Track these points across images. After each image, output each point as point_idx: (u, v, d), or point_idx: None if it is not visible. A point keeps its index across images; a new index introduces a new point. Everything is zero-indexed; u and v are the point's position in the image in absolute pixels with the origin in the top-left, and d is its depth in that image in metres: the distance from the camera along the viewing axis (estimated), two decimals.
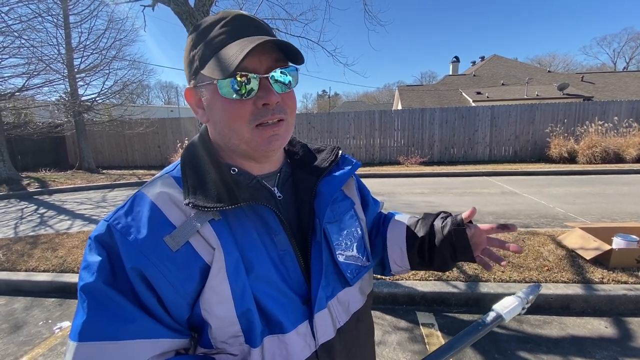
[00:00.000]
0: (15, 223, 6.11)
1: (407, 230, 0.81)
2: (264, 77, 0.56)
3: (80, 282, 0.52)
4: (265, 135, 0.58)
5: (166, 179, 0.60)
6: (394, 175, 10.40)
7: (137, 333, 0.50)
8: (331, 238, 0.66)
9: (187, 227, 0.54)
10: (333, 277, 0.65)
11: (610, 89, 20.57)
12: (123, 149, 14.94)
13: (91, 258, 0.53)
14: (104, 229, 0.54)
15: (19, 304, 3.19)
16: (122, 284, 0.51)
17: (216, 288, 0.53)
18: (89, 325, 0.49)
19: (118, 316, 0.49)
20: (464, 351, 2.28)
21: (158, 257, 0.51)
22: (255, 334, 0.55)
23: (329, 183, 0.68)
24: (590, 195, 6.68)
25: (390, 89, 66.40)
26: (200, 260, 0.53)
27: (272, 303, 0.56)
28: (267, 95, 0.56)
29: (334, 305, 0.65)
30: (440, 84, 24.56)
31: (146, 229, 0.53)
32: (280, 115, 0.58)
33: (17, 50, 9.45)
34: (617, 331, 2.43)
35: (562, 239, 3.69)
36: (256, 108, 0.57)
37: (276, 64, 0.58)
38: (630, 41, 46.28)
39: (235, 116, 0.57)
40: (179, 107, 36.97)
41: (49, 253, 4.02)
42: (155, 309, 0.52)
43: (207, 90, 0.58)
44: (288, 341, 0.57)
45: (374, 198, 0.90)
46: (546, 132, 11.99)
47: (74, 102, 11.80)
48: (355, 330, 0.69)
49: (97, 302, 0.50)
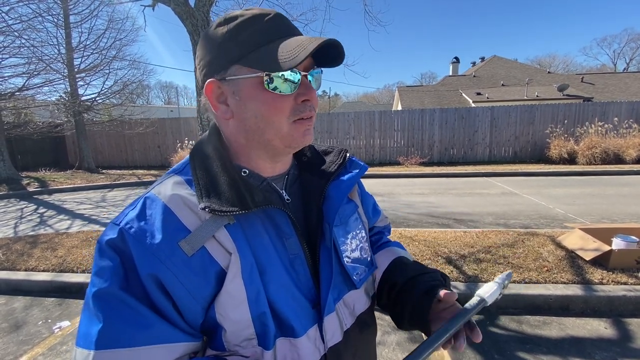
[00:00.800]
0: (15, 223, 6.11)
1: (392, 265, 0.77)
2: (304, 74, 0.58)
3: (93, 288, 0.51)
4: (301, 129, 0.59)
5: (177, 180, 0.59)
6: (394, 175, 10.40)
7: (153, 339, 0.49)
8: (338, 242, 0.66)
9: (202, 231, 0.53)
10: (340, 279, 0.65)
11: (610, 90, 20.58)
12: (123, 149, 14.94)
13: (103, 263, 0.51)
14: (115, 233, 0.52)
15: (19, 303, 3.19)
16: (136, 290, 0.50)
17: (232, 292, 0.53)
18: (105, 333, 0.48)
19: (134, 322, 0.49)
20: (464, 351, 2.28)
21: (174, 263, 0.51)
22: (269, 336, 0.55)
23: (338, 187, 0.68)
24: (590, 196, 6.68)
25: (390, 90, 66.47)
26: (216, 265, 0.53)
27: (285, 307, 0.56)
28: (308, 92, 0.58)
29: (341, 308, 0.65)
30: (440, 84, 24.56)
31: (161, 234, 0.51)
32: (313, 112, 0.61)
33: (17, 50, 9.47)
34: (616, 332, 2.43)
35: (561, 240, 3.69)
36: (296, 103, 0.58)
37: (311, 64, 0.60)
38: (631, 42, 46.36)
39: (277, 110, 0.57)
40: (179, 107, 36.99)
41: (48, 253, 4.02)
42: (170, 313, 0.51)
43: (244, 82, 0.56)
44: (299, 345, 0.57)
45: (375, 207, 0.89)
46: (546, 133, 12.00)
47: (74, 102, 11.80)
48: (360, 332, 0.69)
49: (112, 309, 0.49)
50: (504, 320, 2.62)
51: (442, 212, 5.77)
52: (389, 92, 65.00)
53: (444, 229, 4.63)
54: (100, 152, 14.93)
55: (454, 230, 4.36)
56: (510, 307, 2.75)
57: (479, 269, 3.14)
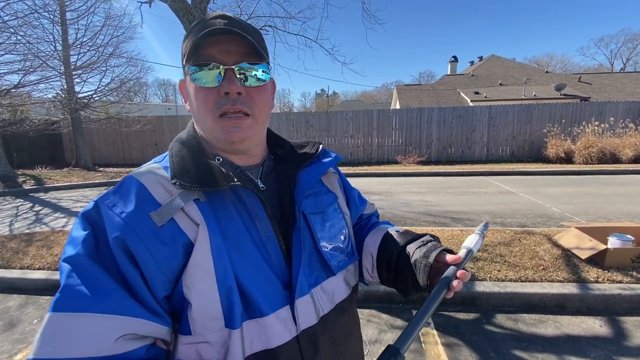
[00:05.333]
0: (11, 220, 6.07)
1: (384, 241, 0.78)
2: (229, 68, 0.60)
3: (63, 255, 0.53)
4: (225, 126, 0.61)
5: (155, 166, 0.63)
6: (392, 174, 10.41)
7: (110, 308, 0.49)
8: (315, 228, 0.68)
9: (172, 204, 0.56)
10: (317, 265, 0.67)
11: (607, 90, 20.67)
12: (120, 147, 14.87)
13: (76, 233, 0.54)
14: (91, 206, 0.56)
15: (14, 301, 3.17)
16: (104, 259, 0.52)
17: (199, 263, 0.54)
18: (63, 296, 0.49)
19: (94, 289, 0.49)
20: (460, 349, 2.28)
21: (143, 231, 0.53)
22: (235, 316, 0.55)
23: (308, 174, 0.72)
24: (587, 195, 6.72)
25: (389, 88, 66.51)
26: (184, 236, 0.55)
27: (252, 285, 0.57)
28: (229, 85, 0.59)
29: (318, 293, 0.66)
30: (439, 83, 24.59)
31: (133, 204, 0.55)
32: (241, 107, 0.61)
33: (13, 47, 9.36)
34: (611, 330, 2.45)
35: (558, 239, 3.70)
36: (219, 97, 0.60)
37: (244, 57, 0.61)
38: (628, 42, 46.61)
39: (201, 103, 0.61)
40: (176, 105, 36.86)
41: (44, 251, 4.00)
42: (136, 284, 0.52)
43: (187, 79, 0.63)
44: (267, 324, 0.58)
45: (361, 197, 0.91)
46: (543, 132, 12.04)
47: (71, 99, 11.71)
48: (340, 319, 0.70)
49: (75, 274, 0.50)
50: (500, 318, 2.63)
51: (439, 211, 5.78)
52: (388, 90, 65.07)
53: (441, 227, 4.64)
54: (97, 150, 14.85)
55: (451, 229, 4.37)
56: (507, 305, 2.76)
57: (476, 267, 3.15)
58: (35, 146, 14.23)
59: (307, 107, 73.76)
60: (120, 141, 14.74)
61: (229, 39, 0.60)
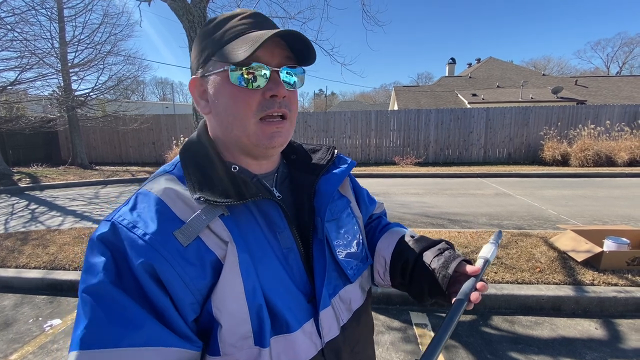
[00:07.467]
0: (6, 219, 6.02)
1: (398, 246, 0.76)
2: (275, 70, 0.57)
3: (82, 285, 0.48)
4: (268, 130, 0.58)
5: (169, 177, 0.58)
6: (389, 175, 10.43)
7: (143, 340, 0.45)
8: (330, 236, 0.66)
9: (196, 221, 0.52)
10: (334, 274, 0.65)
11: (603, 93, 20.83)
12: (117, 145, 14.79)
13: (93, 259, 0.48)
14: (107, 228, 0.50)
15: (9, 301, 3.14)
16: (128, 284, 0.47)
17: (230, 282, 0.51)
18: (89, 331, 0.45)
19: (123, 320, 0.45)
20: (457, 351, 2.29)
21: (169, 252, 0.49)
22: (265, 333, 0.53)
23: (328, 182, 0.69)
24: (582, 198, 6.76)
25: (387, 89, 66.61)
26: (212, 254, 0.52)
27: (279, 300, 0.55)
28: (276, 87, 0.57)
29: (337, 303, 0.64)
30: (437, 85, 24.67)
31: (155, 224, 0.50)
32: (284, 110, 0.59)
33: (9, 44, 9.31)
34: (606, 332, 2.47)
35: (554, 241, 3.72)
36: (264, 99, 0.57)
37: (287, 61, 0.59)
38: (624, 46, 46.93)
39: (242, 105, 0.57)
40: (174, 104, 36.73)
41: (39, 250, 3.97)
42: (166, 310, 0.48)
43: (216, 77, 0.58)
44: (294, 340, 0.56)
45: (370, 197, 0.89)
46: (540, 135, 12.12)
47: (67, 97, 11.64)
48: (358, 327, 0.69)
49: (99, 306, 0.45)
50: (497, 320, 2.64)
51: (436, 212, 5.80)
52: (386, 91, 65.16)
53: (438, 229, 4.65)
54: (93, 148, 14.77)
55: (448, 231, 4.39)
56: (503, 307, 2.78)
57: None
58: (31, 144, 14.12)
59: (306, 107, 73.73)
60: (117, 140, 14.67)
61: (275, 41, 0.57)
